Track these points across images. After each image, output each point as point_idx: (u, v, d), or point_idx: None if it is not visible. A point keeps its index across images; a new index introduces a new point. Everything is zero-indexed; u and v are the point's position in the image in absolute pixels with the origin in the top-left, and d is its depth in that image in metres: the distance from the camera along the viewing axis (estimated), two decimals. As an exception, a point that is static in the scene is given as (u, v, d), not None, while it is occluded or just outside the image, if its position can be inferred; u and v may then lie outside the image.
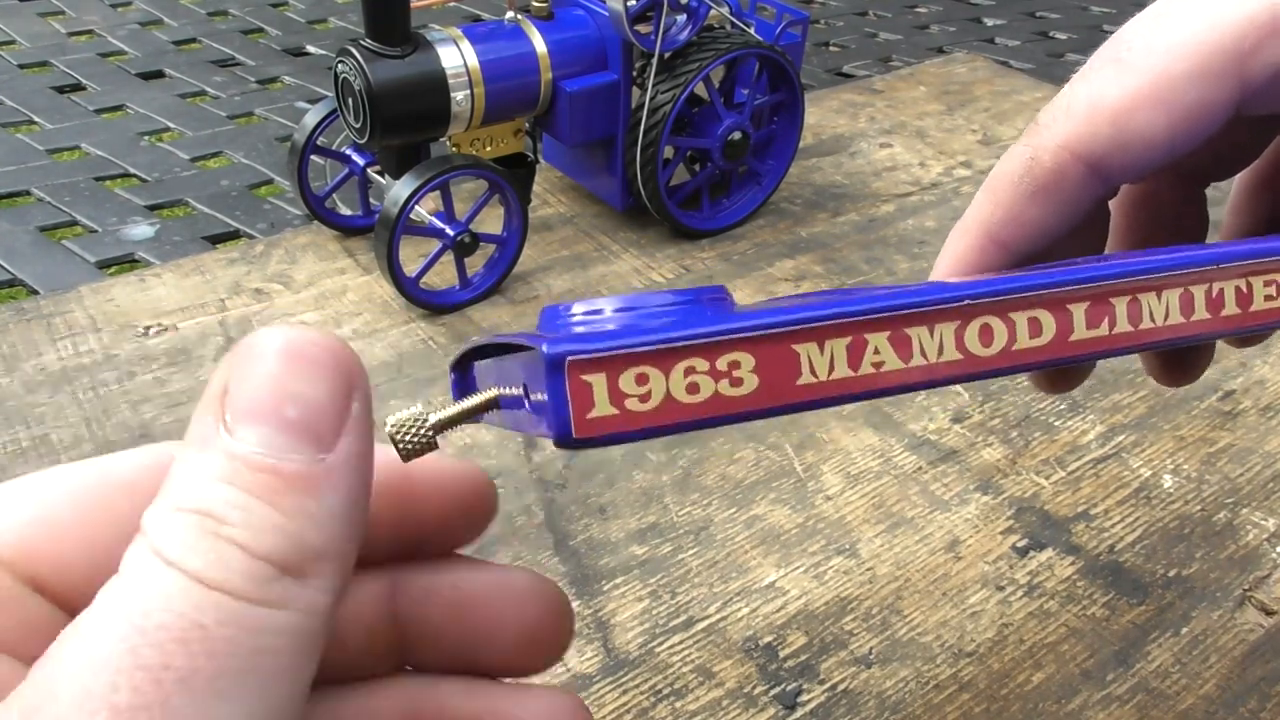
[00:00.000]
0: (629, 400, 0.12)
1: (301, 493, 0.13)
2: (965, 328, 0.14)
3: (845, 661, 0.36)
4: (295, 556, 0.13)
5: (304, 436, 0.13)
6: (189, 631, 0.12)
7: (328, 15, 1.05)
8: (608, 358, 0.12)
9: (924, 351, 0.13)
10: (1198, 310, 0.15)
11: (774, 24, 0.61)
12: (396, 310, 0.54)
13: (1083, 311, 0.14)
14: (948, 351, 0.13)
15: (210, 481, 0.13)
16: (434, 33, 0.53)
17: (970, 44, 1.02)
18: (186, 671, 0.11)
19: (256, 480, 0.13)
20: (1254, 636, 0.38)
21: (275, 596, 0.12)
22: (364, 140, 0.53)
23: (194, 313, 0.54)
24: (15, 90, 0.86)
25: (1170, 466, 0.45)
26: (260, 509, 0.12)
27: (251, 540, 0.12)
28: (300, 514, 0.13)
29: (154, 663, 0.11)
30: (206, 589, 0.12)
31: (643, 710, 0.35)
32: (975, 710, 0.35)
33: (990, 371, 0.14)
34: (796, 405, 0.13)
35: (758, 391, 0.12)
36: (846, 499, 0.43)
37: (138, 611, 0.12)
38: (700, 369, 0.12)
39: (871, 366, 0.13)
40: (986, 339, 0.14)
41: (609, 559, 0.40)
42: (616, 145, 0.59)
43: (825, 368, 0.13)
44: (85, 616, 0.12)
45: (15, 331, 0.52)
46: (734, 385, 0.12)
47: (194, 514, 0.12)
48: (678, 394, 0.12)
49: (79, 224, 0.67)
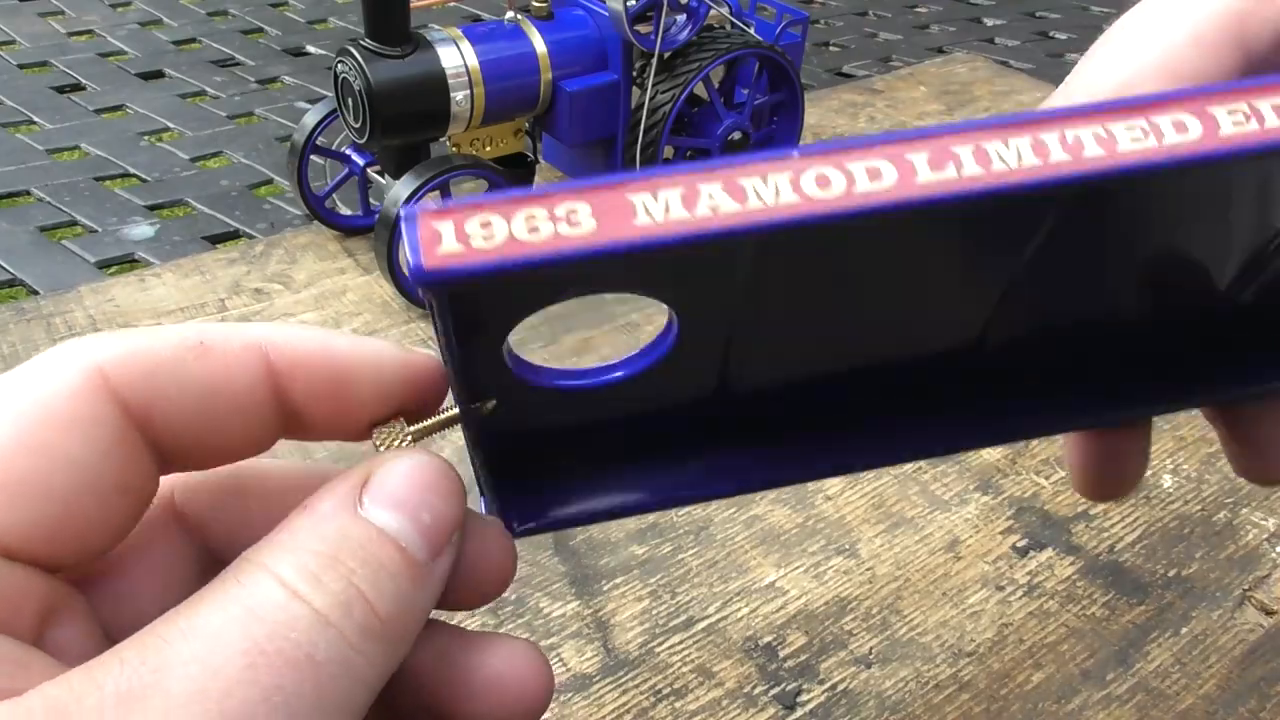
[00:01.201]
0: (473, 239, 0.13)
1: (414, 581, 0.15)
2: (799, 176, 0.14)
3: (845, 661, 0.36)
4: (395, 628, 0.14)
5: (427, 540, 0.15)
6: (303, 663, 0.13)
7: (328, 15, 1.05)
8: (455, 208, 0.13)
9: (759, 196, 0.14)
10: (1054, 153, 0.14)
11: (774, 24, 0.61)
12: (396, 310, 0.54)
13: (924, 159, 0.14)
14: (784, 195, 0.14)
15: (346, 539, 0.14)
16: (434, 33, 0.53)
17: (970, 44, 1.02)
18: (293, 695, 0.13)
19: (389, 555, 0.15)
20: (1254, 636, 0.38)
21: (370, 654, 0.14)
22: (364, 140, 0.53)
23: (194, 313, 0.54)
24: (15, 90, 0.86)
25: (1170, 466, 0.45)
26: (388, 578, 0.14)
27: (375, 598, 0.14)
28: (407, 597, 0.15)
29: (269, 683, 0.13)
30: (328, 625, 0.13)
31: (643, 710, 0.35)
32: (975, 710, 0.35)
33: (836, 213, 0.14)
34: (635, 244, 0.14)
35: (596, 230, 0.13)
36: (846, 499, 0.43)
37: (260, 630, 0.13)
38: (540, 216, 0.13)
39: (708, 209, 0.14)
40: (824, 184, 0.14)
41: (609, 559, 0.40)
42: (616, 145, 0.59)
43: (661, 211, 0.14)
44: (197, 620, 0.13)
45: (15, 331, 0.52)
46: (572, 226, 0.13)
47: (330, 558, 0.14)
48: (519, 234, 0.13)
49: (79, 224, 0.67)
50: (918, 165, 0.14)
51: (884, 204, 0.14)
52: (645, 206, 0.14)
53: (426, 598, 0.15)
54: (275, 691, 0.12)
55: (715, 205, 0.14)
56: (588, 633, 0.37)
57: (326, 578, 0.14)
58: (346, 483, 0.15)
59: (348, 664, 0.13)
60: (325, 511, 0.15)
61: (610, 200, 0.14)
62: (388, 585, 0.14)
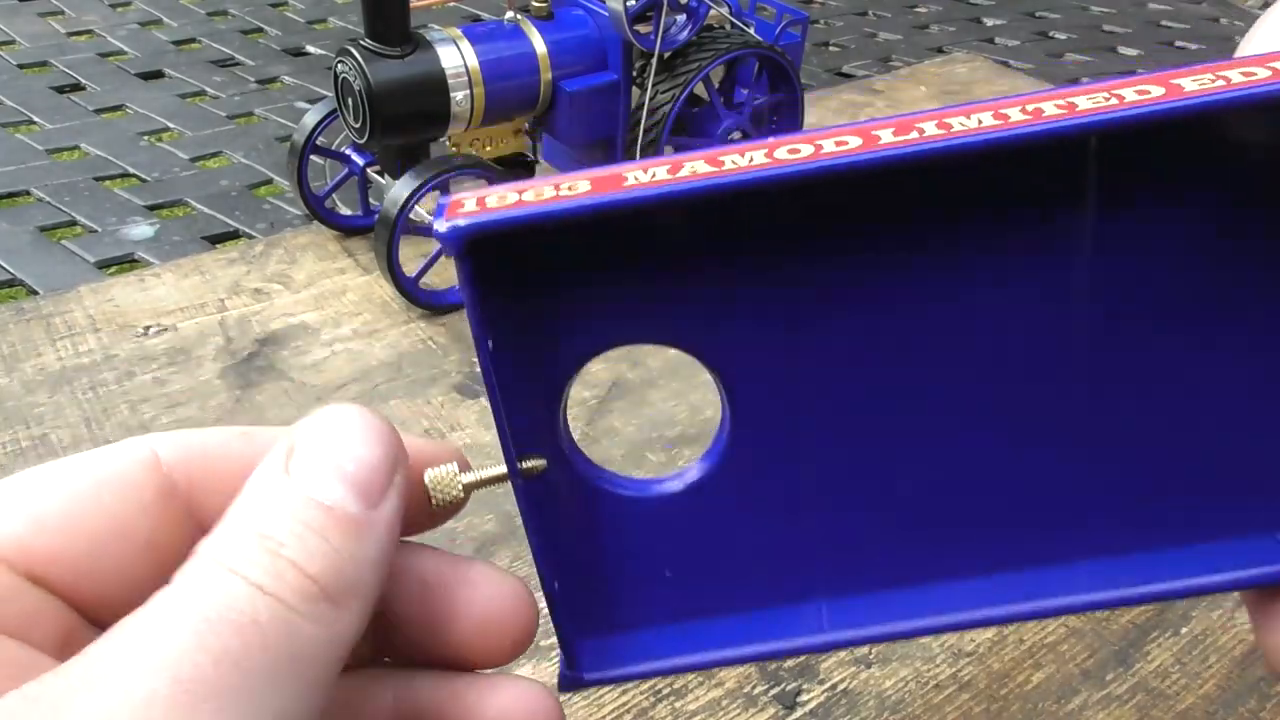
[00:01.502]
0: (489, 202, 0.16)
1: (348, 535, 0.15)
2: (774, 150, 0.16)
3: (845, 661, 0.36)
4: (334, 586, 0.15)
5: (357, 490, 0.15)
6: (247, 627, 0.14)
7: (328, 15, 1.05)
8: (479, 190, 0.16)
9: (735, 164, 0.16)
10: (1014, 116, 0.15)
11: (774, 24, 0.61)
12: (396, 310, 0.54)
13: (890, 131, 0.16)
14: (757, 160, 0.16)
15: (273, 511, 0.15)
16: (434, 33, 0.53)
17: (970, 44, 1.02)
18: (241, 657, 0.13)
19: (313, 516, 0.15)
20: (1254, 637, 0.38)
21: (315, 614, 0.14)
22: (364, 140, 0.53)
23: (193, 313, 0.54)
24: (15, 90, 0.86)
25: (1170, 466, 0.45)
26: (314, 539, 0.15)
27: (305, 562, 0.15)
28: (343, 552, 0.15)
29: (216, 647, 0.13)
30: (263, 594, 0.14)
31: (643, 710, 0.35)
32: (975, 710, 0.35)
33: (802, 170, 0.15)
34: (624, 200, 0.15)
35: (590, 191, 0.16)
36: (846, 499, 0.43)
37: (204, 606, 0.14)
38: (546, 189, 0.16)
39: (689, 172, 0.16)
40: (793, 152, 0.16)
41: (609, 559, 0.40)
42: (616, 145, 0.59)
43: (648, 178, 0.16)
44: (147, 610, 0.14)
45: (15, 331, 0.52)
46: (570, 190, 0.16)
47: (257, 535, 0.15)
48: (527, 199, 0.16)
49: (79, 224, 0.67)
50: (882, 136, 0.15)
51: (847, 161, 0.15)
52: (635, 176, 0.16)
53: (373, 547, 0.15)
54: (223, 654, 0.13)
55: (695, 170, 0.16)
56: (588, 633, 0.37)
57: (257, 552, 0.14)
58: (274, 453, 0.16)
59: (292, 625, 0.14)
60: (254, 486, 0.16)
61: (606, 175, 0.16)
62: (316, 546, 0.15)
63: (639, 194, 0.15)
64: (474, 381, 0.49)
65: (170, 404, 0.48)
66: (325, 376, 0.50)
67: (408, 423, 0.47)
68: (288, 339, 0.52)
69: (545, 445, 0.18)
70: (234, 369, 0.50)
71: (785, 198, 0.16)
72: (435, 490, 0.18)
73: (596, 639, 0.20)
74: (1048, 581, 0.19)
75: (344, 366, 0.50)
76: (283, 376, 0.49)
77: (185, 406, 0.47)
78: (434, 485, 0.18)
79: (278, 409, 0.47)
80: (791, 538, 0.19)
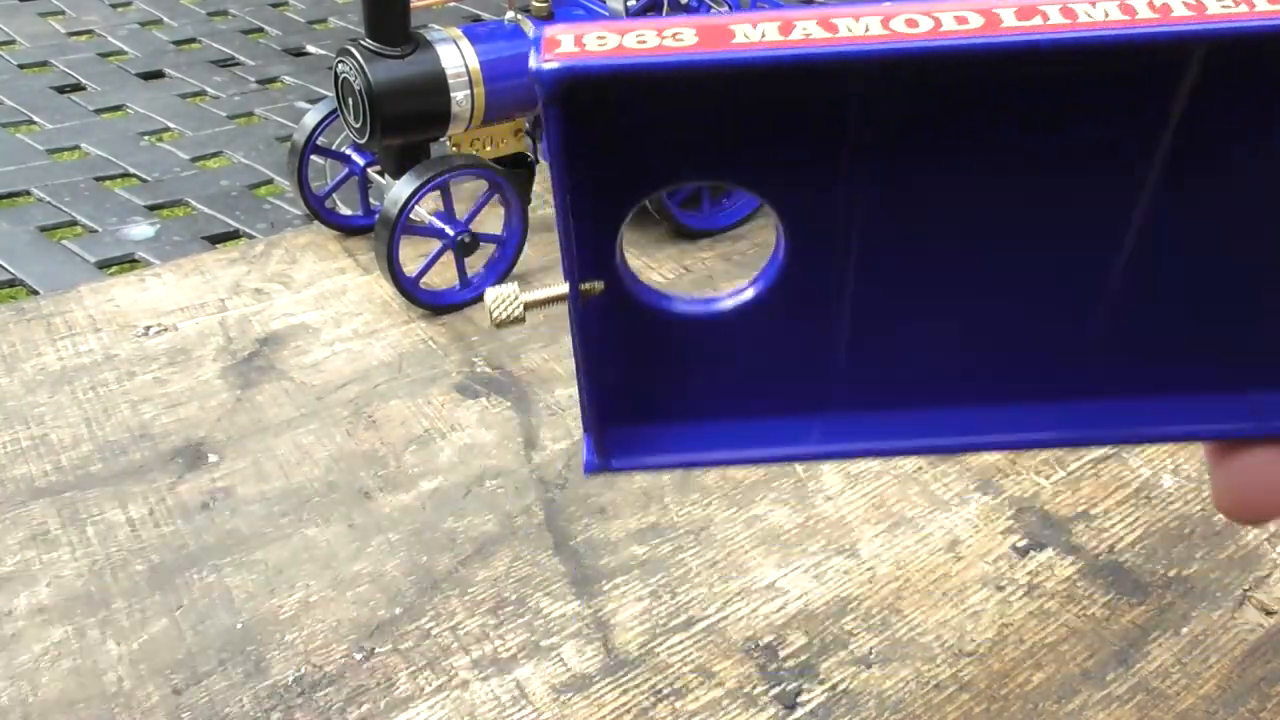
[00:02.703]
0: (587, 43, 0.15)
1: None
2: (890, 19, 0.15)
3: (845, 661, 0.36)
4: None
5: None
6: None
7: (328, 15, 1.05)
8: (576, 27, 0.15)
9: (850, 30, 0.15)
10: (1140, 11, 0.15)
11: (774, 24, 0.61)
12: (396, 310, 0.54)
13: (1011, 13, 0.15)
14: (874, 29, 0.15)
15: None
16: (434, 33, 0.53)
17: None
18: None
19: None
20: (1254, 636, 0.38)
21: None
22: (364, 140, 0.53)
23: (194, 313, 0.54)
24: (15, 90, 0.86)
25: (1170, 466, 0.45)
26: None
27: None
28: None
29: None
30: None
31: (643, 710, 0.35)
32: (975, 710, 0.35)
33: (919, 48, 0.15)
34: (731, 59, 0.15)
35: (697, 44, 0.15)
36: (847, 499, 0.43)
37: None
38: (649, 34, 0.15)
39: (801, 35, 0.15)
40: (912, 25, 0.15)
41: (609, 559, 0.40)
42: (616, 145, 0.59)
43: (758, 35, 0.15)
44: None
45: (15, 331, 0.52)
46: (676, 40, 0.15)
47: None
48: (629, 45, 0.15)
49: (79, 224, 0.67)
50: (1004, 17, 0.15)
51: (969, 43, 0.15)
52: (744, 33, 0.15)
53: None
54: None
55: (808, 33, 0.15)
56: (588, 633, 0.37)
57: None
58: None
59: None
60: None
61: (714, 29, 0.15)
62: None
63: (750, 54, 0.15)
64: (474, 381, 0.49)
65: (170, 404, 0.48)
66: (325, 376, 0.50)
67: (408, 422, 0.47)
68: (288, 339, 0.52)
69: (604, 270, 0.18)
70: (234, 369, 0.50)
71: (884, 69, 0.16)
72: (496, 308, 0.18)
73: (623, 433, 0.21)
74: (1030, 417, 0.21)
75: (344, 366, 0.50)
76: (283, 376, 0.49)
77: (185, 406, 0.48)
78: (496, 303, 0.18)
79: (278, 409, 0.47)
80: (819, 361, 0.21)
